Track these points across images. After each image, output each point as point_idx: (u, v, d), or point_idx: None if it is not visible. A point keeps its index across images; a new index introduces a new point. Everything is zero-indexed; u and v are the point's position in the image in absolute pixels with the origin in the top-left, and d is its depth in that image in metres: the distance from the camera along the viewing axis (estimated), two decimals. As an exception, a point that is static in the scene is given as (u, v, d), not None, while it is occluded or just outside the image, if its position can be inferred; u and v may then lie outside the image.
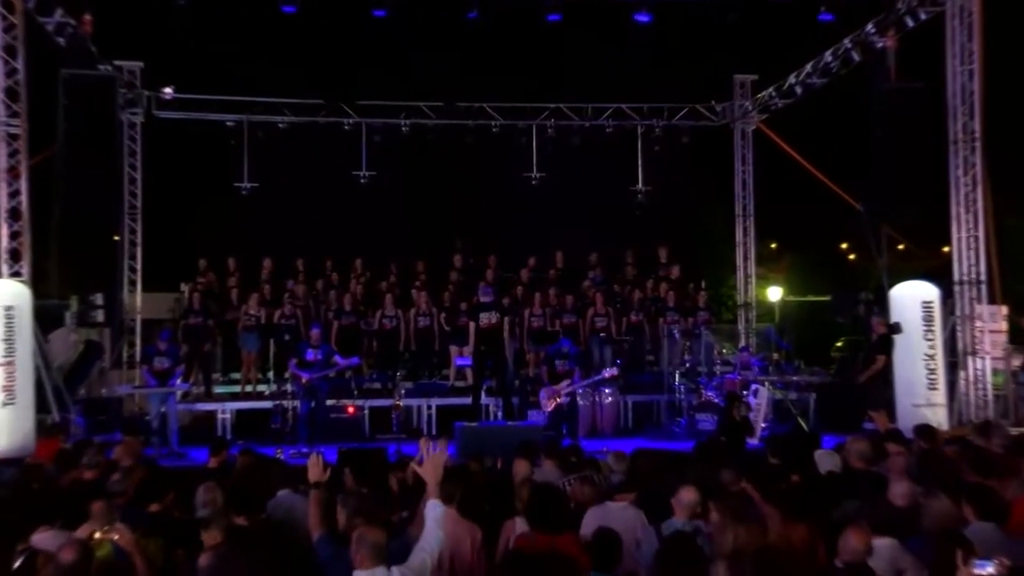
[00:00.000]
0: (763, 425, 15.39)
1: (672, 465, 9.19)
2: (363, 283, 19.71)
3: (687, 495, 7.01)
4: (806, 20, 17.92)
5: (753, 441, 14.96)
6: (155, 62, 20.29)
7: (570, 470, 8.49)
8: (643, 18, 17.31)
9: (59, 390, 15.41)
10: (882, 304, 16.55)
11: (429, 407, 17.41)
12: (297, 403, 15.81)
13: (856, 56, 18.26)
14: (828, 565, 6.16)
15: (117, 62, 18.90)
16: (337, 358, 15.94)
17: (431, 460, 6.43)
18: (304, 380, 15.49)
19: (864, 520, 6.34)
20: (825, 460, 9.10)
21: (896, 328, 15.50)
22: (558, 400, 15.73)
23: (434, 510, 6.17)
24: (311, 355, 15.68)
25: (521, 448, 9.45)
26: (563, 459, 9.17)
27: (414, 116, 21.19)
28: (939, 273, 17.67)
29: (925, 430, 10.88)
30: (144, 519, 7.23)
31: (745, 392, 16.05)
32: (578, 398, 16.21)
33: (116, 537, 6.21)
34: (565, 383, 15.73)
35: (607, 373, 16.30)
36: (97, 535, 6.36)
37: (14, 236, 15.09)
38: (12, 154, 15.01)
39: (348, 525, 6.53)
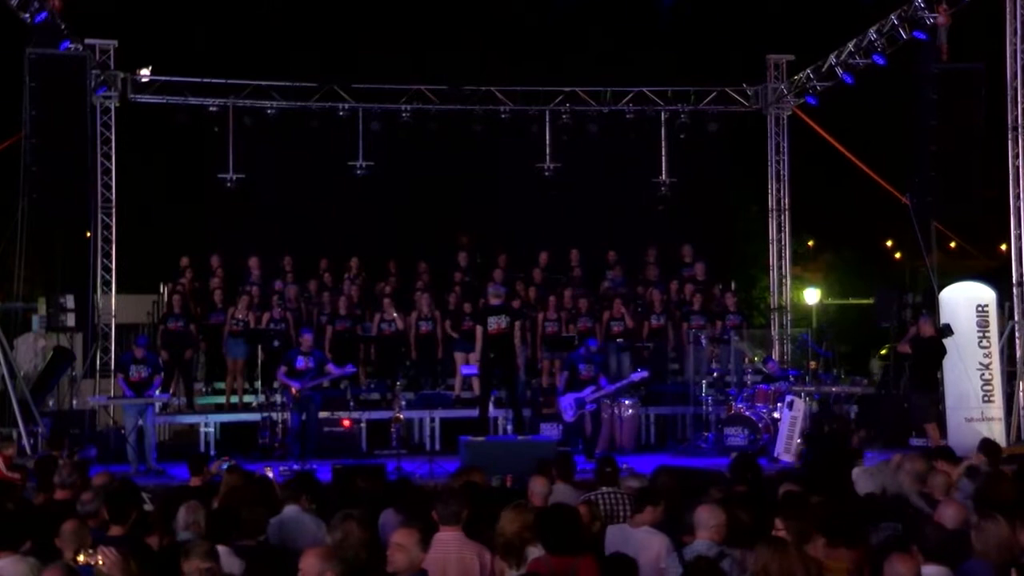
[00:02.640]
0: (798, 441, 15.37)
1: (699, 484, 9.17)
2: (359, 284, 19.72)
3: (705, 514, 7.02)
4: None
5: (788, 459, 14.99)
6: (131, 41, 20.32)
7: (590, 488, 8.52)
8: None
9: (25, 401, 15.46)
10: (931, 307, 16.53)
11: (432, 420, 17.44)
12: (287, 416, 15.84)
13: (904, 34, 18.23)
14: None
15: (89, 40, 18.89)
16: (331, 366, 15.96)
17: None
18: (294, 390, 15.51)
19: (912, 545, 6.35)
20: (864, 480, 9.01)
21: (946, 331, 15.48)
22: (583, 409, 15.72)
23: None
24: (301, 363, 15.71)
25: (539, 466, 9.51)
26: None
27: (416, 101, 21.17)
28: (996, 274, 17.64)
29: (990, 446, 10.85)
30: (106, 543, 7.21)
31: (779, 403, 16.04)
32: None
33: (100, 561, 6.17)
34: (590, 389, 15.72)
35: (636, 377, 16.30)
36: (81, 558, 6.36)
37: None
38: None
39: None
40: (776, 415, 15.94)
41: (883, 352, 22.12)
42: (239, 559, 6.82)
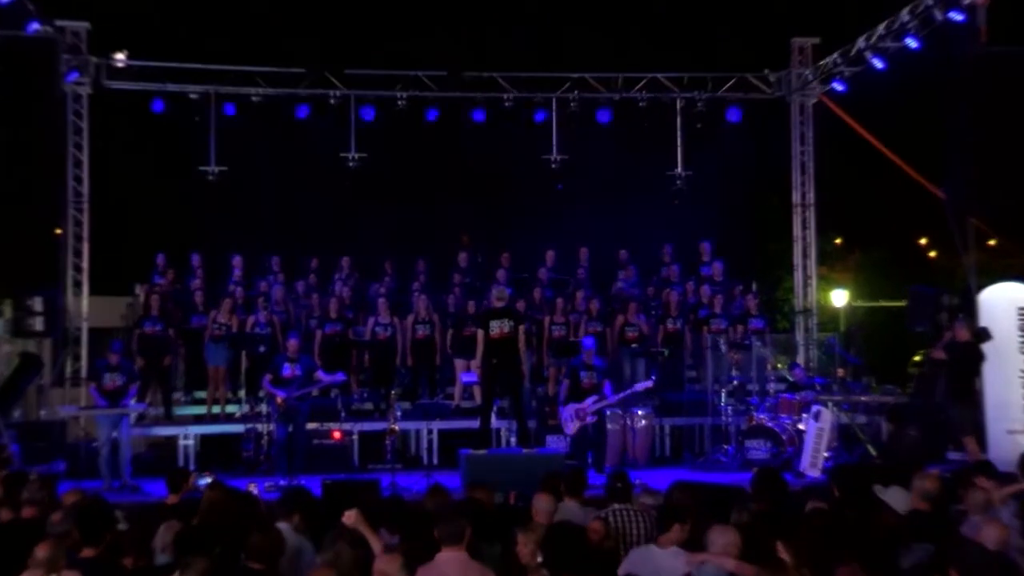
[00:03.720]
0: (826, 454, 15.34)
1: (718, 501, 9.15)
2: (351, 285, 19.71)
3: (715, 535, 7.03)
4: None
5: (814, 473, 14.95)
6: (105, 23, 20.30)
7: (599, 505, 8.52)
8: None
9: (-10, 412, 15.44)
10: (969, 310, 16.49)
11: (430, 431, 17.44)
12: (273, 427, 15.82)
13: (939, 15, 18.17)
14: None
15: (59, 22, 18.89)
16: (320, 374, 15.92)
17: None
18: (280, 400, 15.47)
19: (951, 569, 6.34)
20: (891, 497, 8.98)
21: (984, 335, 15.43)
22: (583, 421, 15.70)
23: None
24: (288, 370, 15.66)
25: (544, 481, 9.51)
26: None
27: (412, 88, 21.14)
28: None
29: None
30: (78, 566, 7.18)
31: (804, 414, 16.00)
32: (607, 421, 16.21)
33: None
34: (591, 399, 15.68)
35: (640, 387, 16.27)
36: None
37: (-62, 229, 15.15)
38: (-64, 132, 15.07)
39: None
40: (801, 426, 15.92)
41: (917, 358, 22.07)
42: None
